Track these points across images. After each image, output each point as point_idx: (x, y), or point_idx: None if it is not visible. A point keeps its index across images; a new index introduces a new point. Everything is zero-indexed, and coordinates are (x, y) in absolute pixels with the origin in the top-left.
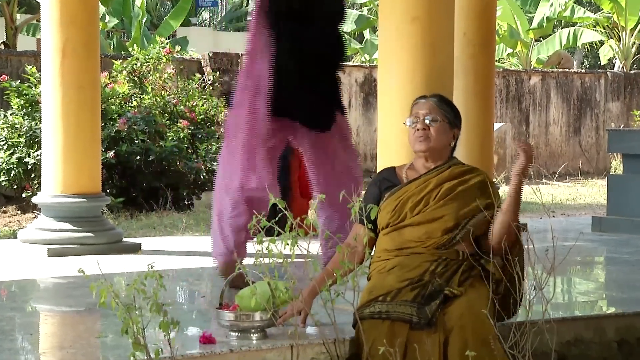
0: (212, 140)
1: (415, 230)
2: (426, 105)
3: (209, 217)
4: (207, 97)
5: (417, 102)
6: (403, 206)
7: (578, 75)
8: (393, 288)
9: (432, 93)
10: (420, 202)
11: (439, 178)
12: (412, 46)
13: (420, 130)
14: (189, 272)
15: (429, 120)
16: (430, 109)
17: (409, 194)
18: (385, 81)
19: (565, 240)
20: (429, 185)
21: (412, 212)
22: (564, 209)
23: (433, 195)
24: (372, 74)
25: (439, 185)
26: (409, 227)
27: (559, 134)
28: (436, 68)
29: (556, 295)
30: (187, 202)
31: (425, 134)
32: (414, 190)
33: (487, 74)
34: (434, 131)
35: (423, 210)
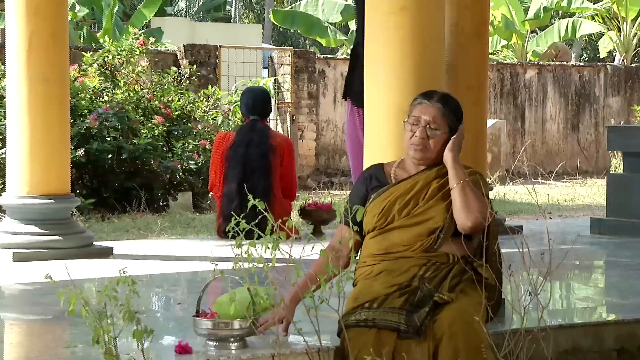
0: (189, 138)
1: (403, 233)
2: (431, 110)
3: (185, 219)
4: (183, 92)
5: (421, 103)
6: (390, 209)
7: (576, 68)
8: (380, 294)
9: (437, 92)
10: (408, 204)
11: (427, 177)
12: (400, 38)
13: (418, 138)
14: (164, 277)
15: (430, 130)
16: (434, 117)
17: (397, 195)
18: (372, 75)
19: (563, 243)
20: (417, 185)
21: (400, 214)
22: (561, 210)
23: (422, 195)
24: None
25: (427, 185)
26: (396, 230)
27: (556, 130)
28: (426, 61)
29: (553, 301)
30: (162, 203)
31: (423, 144)
32: (402, 191)
33: (480, 68)
34: (433, 143)
35: (412, 212)
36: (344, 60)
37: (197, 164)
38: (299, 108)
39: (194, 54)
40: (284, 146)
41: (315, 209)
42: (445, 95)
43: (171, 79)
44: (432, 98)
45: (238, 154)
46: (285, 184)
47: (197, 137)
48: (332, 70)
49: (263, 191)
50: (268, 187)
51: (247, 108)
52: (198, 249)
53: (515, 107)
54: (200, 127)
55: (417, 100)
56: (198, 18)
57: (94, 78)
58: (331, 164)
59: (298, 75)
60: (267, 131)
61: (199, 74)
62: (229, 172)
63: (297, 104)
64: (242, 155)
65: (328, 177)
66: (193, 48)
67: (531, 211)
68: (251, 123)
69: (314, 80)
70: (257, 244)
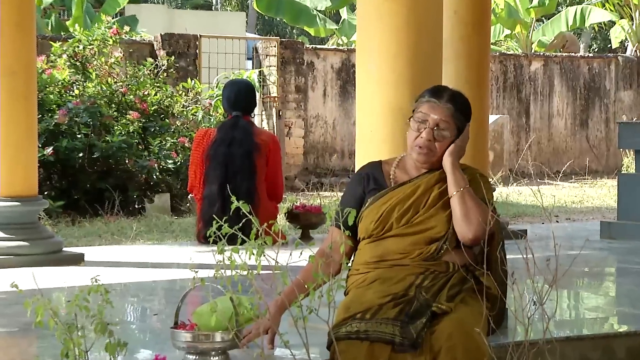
0: (167, 135)
1: (400, 241)
2: (440, 111)
3: (163, 223)
4: (160, 85)
5: (429, 101)
6: (389, 216)
7: (585, 60)
8: (373, 304)
9: (446, 90)
10: (408, 211)
11: (428, 181)
12: (395, 27)
13: (424, 140)
14: (139, 286)
15: (437, 132)
16: (443, 118)
17: (396, 200)
18: (364, 67)
19: (570, 249)
20: (418, 191)
21: (399, 222)
22: (569, 213)
23: (422, 202)
24: (350, 59)
25: (428, 190)
26: (393, 238)
27: (563, 127)
28: (423, 52)
29: (559, 311)
30: (137, 205)
31: (429, 147)
32: (402, 196)
33: (481, 59)
34: (440, 147)
35: (411, 220)
36: (335, 51)
37: (175, 164)
38: (286, 103)
39: (172, 44)
40: (270, 144)
41: (304, 212)
42: (456, 94)
43: (147, 71)
44: (442, 97)
45: (220, 153)
46: (271, 185)
47: (176, 134)
48: (321, 62)
49: (247, 193)
50: (252, 188)
51: (230, 103)
52: (176, 255)
53: (519, 102)
54: (178, 124)
55: (424, 98)
56: (176, 5)
57: (63, 70)
58: (321, 163)
59: (285, 67)
60: (251, 128)
61: (177, 66)
62: (210, 173)
63: (283, 99)
64: (224, 154)
65: (317, 178)
66: (171, 38)
67: (536, 214)
68: (234, 119)
69: (302, 73)
70: (241, 249)
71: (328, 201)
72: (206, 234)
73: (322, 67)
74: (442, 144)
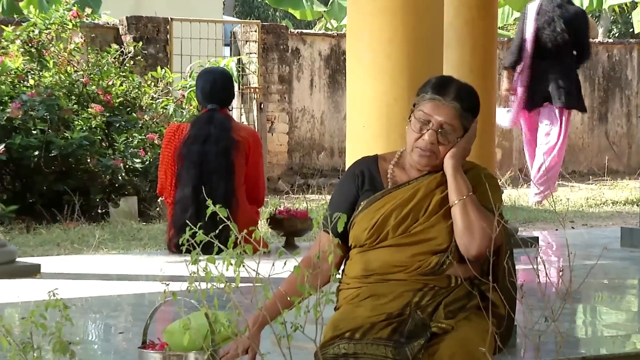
0: (134, 131)
1: (396, 253)
2: (445, 111)
3: (129, 230)
4: (126, 75)
5: (432, 99)
6: (384, 223)
7: (604, 46)
8: (365, 323)
9: (452, 84)
10: (405, 219)
11: (429, 184)
12: (390, 9)
13: (427, 143)
14: (103, 301)
15: (442, 134)
16: (448, 119)
17: (393, 206)
18: (356, 55)
19: (587, 258)
20: (417, 195)
21: (395, 231)
22: (586, 218)
23: (422, 208)
24: (340, 45)
25: (429, 195)
26: (388, 248)
27: (579, 121)
28: (421, 37)
29: (574, 328)
30: (100, 210)
31: (432, 150)
32: (399, 201)
33: (488, 45)
34: (444, 150)
35: (409, 229)
36: (323, 36)
37: (143, 163)
38: (268, 94)
39: (140, 28)
40: (250, 141)
41: (288, 217)
42: (463, 89)
43: (112, 59)
44: (447, 94)
45: (193, 151)
46: (251, 187)
47: (144, 130)
48: (308, 49)
49: (224, 196)
50: (230, 190)
51: (205, 94)
52: (145, 266)
53: None
54: (147, 118)
55: (427, 94)
56: None
57: (16, 58)
58: (307, 163)
59: (267, 54)
60: (229, 123)
61: (145, 53)
62: (182, 173)
63: (265, 90)
64: (198, 153)
65: (303, 179)
66: (138, 21)
67: (549, 219)
68: (209, 113)
69: (286, 61)
70: (217, 259)
71: (315, 205)
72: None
73: (309, 54)
74: (446, 147)
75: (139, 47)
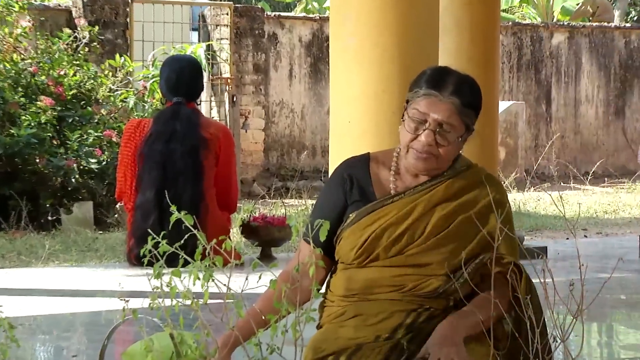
0: (89, 127)
1: (387, 272)
2: (444, 108)
3: (84, 240)
4: (80, 64)
5: (428, 95)
6: (375, 243)
7: (621, 31)
8: (349, 345)
9: (450, 76)
10: (399, 239)
11: (430, 198)
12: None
13: (423, 144)
14: (54, 320)
15: (441, 134)
16: (448, 117)
17: (385, 223)
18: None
19: (601, 270)
20: (415, 211)
21: (387, 252)
22: (601, 226)
23: (420, 228)
24: (323, 30)
25: (428, 212)
26: (379, 268)
27: (594, 116)
28: (414, 21)
29: (587, 349)
30: (51, 217)
31: (430, 152)
32: (393, 219)
33: (489, 31)
34: (444, 151)
35: (404, 251)
36: (303, 20)
37: (100, 164)
38: (242, 86)
39: (96, 10)
40: (220, 138)
41: (264, 224)
42: (462, 82)
43: (64, 45)
44: (445, 88)
45: (156, 151)
46: (222, 190)
47: (100, 126)
48: (286, 34)
49: (191, 201)
50: (198, 195)
51: (170, 86)
52: (101, 280)
53: (538, 85)
54: (104, 113)
55: (422, 89)
56: None
57: None
58: (286, 163)
59: (240, 40)
60: (197, 118)
61: (102, 39)
62: (144, 175)
63: (238, 80)
64: (161, 152)
65: (282, 181)
66: (94, 3)
67: (559, 227)
68: (174, 107)
69: (262, 48)
70: (183, 273)
71: (295, 211)
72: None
73: (288, 40)
74: (446, 149)
75: (94, 31)
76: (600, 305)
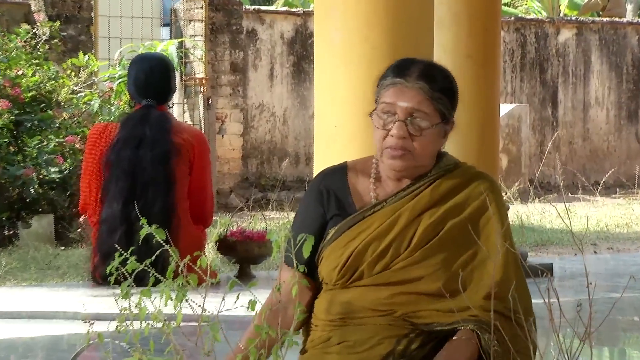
0: (49, 133)
1: (374, 293)
2: (412, 94)
3: (44, 257)
4: (40, 63)
5: (393, 84)
6: (358, 259)
7: (634, 27)
8: None
9: (416, 63)
10: (384, 254)
11: (415, 205)
12: None
13: (395, 139)
14: (11, 344)
15: (412, 123)
16: (417, 104)
17: (368, 237)
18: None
19: (612, 290)
20: (400, 222)
21: (372, 269)
22: (612, 241)
23: (406, 238)
24: (307, 25)
25: (414, 221)
26: (365, 288)
27: (604, 121)
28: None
29: None
30: (7, 232)
31: (404, 146)
32: (376, 231)
33: (490, 25)
34: (419, 143)
35: (390, 266)
36: (286, 14)
37: (61, 173)
38: (218, 87)
39: (57, 4)
40: (194, 145)
41: (242, 239)
42: (429, 66)
43: (21, 42)
44: (410, 74)
45: (124, 158)
46: (196, 202)
47: (62, 131)
48: (267, 30)
49: (162, 213)
50: (169, 207)
51: (138, 87)
52: (63, 300)
53: (543, 86)
54: (66, 116)
55: (387, 80)
56: None
57: None
58: (266, 172)
59: (216, 36)
60: (168, 123)
61: (64, 36)
62: (110, 186)
63: (214, 81)
64: (130, 160)
65: (262, 192)
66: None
67: (566, 242)
68: (144, 110)
69: (240, 45)
70: (154, 292)
71: (276, 225)
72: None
73: (268, 36)
74: (421, 141)
75: (55, 27)
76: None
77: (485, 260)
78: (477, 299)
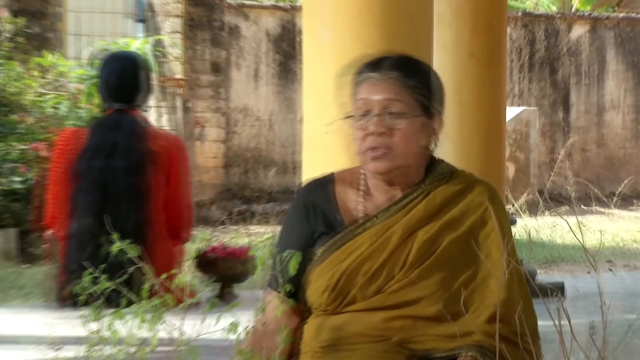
0: (12, 139)
1: (368, 318)
2: (384, 86)
3: (7, 275)
4: (2, 62)
5: (367, 79)
6: (349, 283)
7: None
8: None
9: (388, 57)
10: (379, 275)
11: (409, 222)
12: None
13: (374, 137)
14: None
15: (390, 117)
16: (392, 94)
17: (359, 257)
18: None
19: (629, 311)
20: (394, 237)
21: (364, 292)
22: (629, 258)
23: (401, 257)
24: (294, 22)
25: (409, 238)
26: (358, 313)
27: (620, 126)
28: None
29: None
30: None
31: (384, 144)
32: (367, 250)
33: (495, 22)
34: (400, 137)
35: (384, 288)
36: (271, 9)
37: (25, 183)
38: (197, 88)
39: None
40: (171, 152)
41: (223, 256)
42: (403, 58)
43: None
44: (383, 66)
45: (94, 168)
46: (173, 215)
47: (27, 137)
48: (251, 26)
49: (136, 228)
50: (144, 221)
51: (109, 89)
52: (27, 323)
53: (553, 87)
54: (31, 121)
55: (360, 76)
56: None
57: None
58: (250, 182)
59: (195, 33)
60: (143, 128)
61: (29, 33)
62: (79, 198)
63: (193, 82)
64: (100, 170)
65: (245, 204)
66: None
67: (578, 259)
68: (116, 115)
69: (222, 43)
70: (127, 314)
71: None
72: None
73: (253, 33)
74: (402, 135)
75: (20, 24)
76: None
77: (486, 279)
78: (480, 322)
